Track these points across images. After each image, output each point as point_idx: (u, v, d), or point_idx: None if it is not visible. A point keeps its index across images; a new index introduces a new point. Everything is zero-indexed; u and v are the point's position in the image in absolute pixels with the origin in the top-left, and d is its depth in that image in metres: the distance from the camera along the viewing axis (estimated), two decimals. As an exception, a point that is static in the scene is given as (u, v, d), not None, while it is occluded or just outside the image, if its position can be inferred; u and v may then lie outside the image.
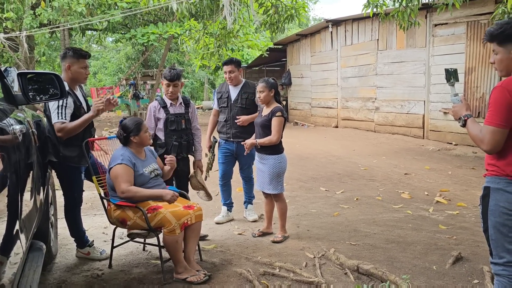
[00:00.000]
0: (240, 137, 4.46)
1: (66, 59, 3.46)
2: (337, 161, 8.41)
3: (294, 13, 8.29)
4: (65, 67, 3.46)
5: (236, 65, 4.51)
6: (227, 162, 4.66)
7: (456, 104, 2.37)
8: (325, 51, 14.30)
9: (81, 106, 3.49)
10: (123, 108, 22.23)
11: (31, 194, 2.45)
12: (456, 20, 9.53)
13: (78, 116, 3.41)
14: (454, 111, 2.36)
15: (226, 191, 4.76)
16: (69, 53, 3.46)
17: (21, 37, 12.31)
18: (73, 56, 3.45)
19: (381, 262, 3.46)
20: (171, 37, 15.55)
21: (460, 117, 2.30)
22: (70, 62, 3.44)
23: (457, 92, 2.44)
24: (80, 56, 3.48)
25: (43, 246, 2.63)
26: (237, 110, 4.51)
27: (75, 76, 3.48)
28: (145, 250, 3.88)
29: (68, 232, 3.75)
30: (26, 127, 2.54)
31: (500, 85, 2.12)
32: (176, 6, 6.95)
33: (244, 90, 4.55)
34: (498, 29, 2.17)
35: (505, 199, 2.15)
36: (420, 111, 10.81)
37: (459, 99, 2.38)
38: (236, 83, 4.55)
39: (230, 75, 4.50)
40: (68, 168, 3.47)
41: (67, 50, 3.51)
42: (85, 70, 3.53)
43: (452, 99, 2.42)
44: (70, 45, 16.05)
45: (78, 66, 3.46)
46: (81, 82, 3.57)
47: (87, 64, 3.55)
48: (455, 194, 5.71)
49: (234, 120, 4.51)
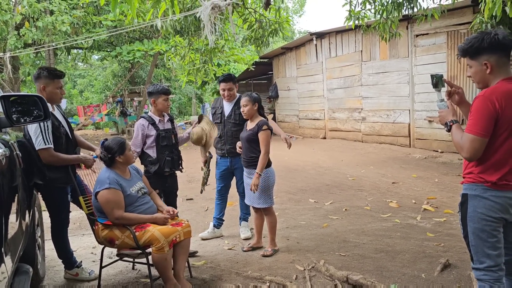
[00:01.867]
0: (235, 153, 4.42)
1: (40, 79, 3.40)
2: (325, 172, 8.45)
3: (278, 28, 8.38)
4: (40, 87, 3.39)
5: (234, 82, 4.49)
6: (223, 178, 4.65)
7: (443, 110, 2.40)
8: (310, 63, 14.46)
9: (60, 125, 3.44)
10: (110, 125, 22.14)
11: (17, 216, 2.43)
12: (436, 30, 9.74)
13: (58, 137, 3.36)
14: (441, 116, 2.39)
15: (220, 205, 4.72)
16: (43, 74, 3.39)
17: (5, 58, 12.26)
18: (48, 77, 3.39)
19: (370, 272, 3.48)
20: (157, 54, 15.62)
21: (446, 123, 2.34)
22: (45, 83, 3.39)
23: (443, 98, 2.47)
24: (55, 76, 3.42)
25: (29, 269, 2.60)
26: (231, 126, 4.47)
27: (50, 96, 3.39)
28: (135, 269, 3.85)
29: (55, 253, 3.70)
30: (10, 150, 2.53)
31: (483, 95, 2.18)
32: (160, 24, 6.99)
33: (238, 105, 4.46)
34: (467, 44, 2.25)
35: (483, 205, 2.20)
36: (406, 120, 10.95)
37: (445, 105, 2.41)
38: (232, 99, 4.54)
39: (229, 93, 4.45)
40: (54, 189, 3.44)
41: (41, 71, 3.43)
42: (61, 90, 3.48)
43: (438, 105, 2.44)
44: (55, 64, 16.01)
45: (53, 87, 3.41)
46: (57, 102, 3.50)
47: (62, 84, 3.50)
48: (442, 201, 5.77)
49: (228, 136, 4.49)
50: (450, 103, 2.42)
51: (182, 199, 6.24)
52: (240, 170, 4.48)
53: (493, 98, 2.14)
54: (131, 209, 3.25)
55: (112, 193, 3.17)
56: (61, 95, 3.50)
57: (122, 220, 3.19)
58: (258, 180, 3.92)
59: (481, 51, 2.20)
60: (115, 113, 20.09)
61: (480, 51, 2.20)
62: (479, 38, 2.20)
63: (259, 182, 3.92)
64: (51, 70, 3.48)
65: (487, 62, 2.20)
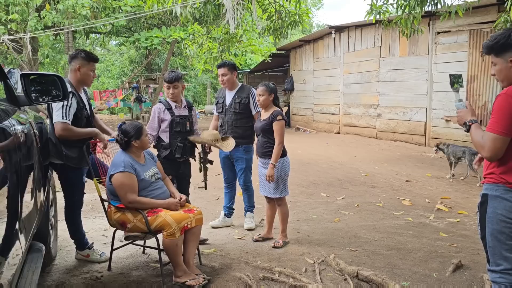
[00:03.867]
0: (236, 143, 4.45)
1: (76, 60, 3.48)
2: (338, 167, 8.39)
3: (298, 19, 8.30)
4: (75, 67, 3.48)
5: (229, 68, 4.43)
6: (227, 166, 4.65)
7: (461, 110, 2.36)
8: (328, 57, 14.33)
9: (84, 107, 3.50)
10: (125, 111, 22.28)
11: (32, 195, 2.45)
12: (458, 28, 9.55)
13: (79, 118, 3.43)
14: (459, 116, 2.36)
15: (229, 193, 4.73)
16: (81, 55, 3.49)
17: (25, 39, 12.38)
18: (85, 58, 3.49)
19: (381, 268, 3.45)
20: (174, 41, 15.61)
21: (465, 122, 2.30)
22: (81, 63, 3.48)
23: (461, 98, 2.43)
24: (91, 59, 3.52)
25: (42, 247, 2.63)
26: (231, 115, 4.44)
27: (83, 78, 3.50)
28: (145, 253, 3.87)
29: (68, 234, 3.75)
30: (28, 128, 2.55)
31: (505, 93, 2.12)
32: (180, 11, 6.97)
33: (238, 94, 4.47)
34: (493, 41, 2.19)
35: (503, 207, 2.15)
36: (422, 119, 10.80)
37: (464, 105, 2.37)
38: (231, 86, 4.50)
39: (223, 78, 4.43)
40: (70, 170, 3.47)
41: (79, 52, 3.53)
42: (93, 74, 3.58)
43: (457, 105, 2.41)
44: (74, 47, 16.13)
45: (87, 69, 3.51)
46: (87, 84, 3.60)
47: (95, 68, 3.60)
48: (456, 202, 5.69)
49: (228, 125, 4.47)
50: (469, 103, 2.37)
51: (194, 187, 6.25)
52: (240, 161, 4.49)
53: None
54: (144, 193, 3.26)
55: (127, 177, 3.18)
56: (93, 78, 3.59)
57: (135, 204, 3.20)
58: (273, 170, 3.90)
59: (507, 47, 2.15)
60: (130, 99, 20.19)
61: (506, 47, 2.15)
62: (505, 35, 2.14)
63: (273, 173, 3.90)
64: (88, 52, 3.58)
65: None
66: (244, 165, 4.51)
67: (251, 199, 4.68)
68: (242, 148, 4.45)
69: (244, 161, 4.50)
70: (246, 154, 4.50)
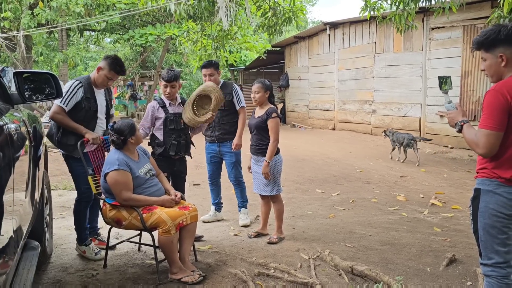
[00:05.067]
0: (224, 139, 4.53)
1: (104, 61, 3.66)
2: (333, 163, 8.42)
3: (292, 16, 8.29)
4: (99, 66, 3.65)
5: (215, 68, 4.49)
6: (213, 163, 4.70)
7: (452, 111, 2.39)
8: (322, 53, 14.34)
9: (91, 100, 3.61)
10: (120, 109, 22.22)
11: (26, 193, 2.45)
12: (452, 24, 9.58)
13: (81, 109, 3.56)
14: (450, 117, 2.38)
15: (214, 190, 4.79)
16: (109, 60, 3.64)
17: (18, 37, 12.31)
18: (109, 64, 3.62)
19: (375, 263, 3.47)
20: (169, 38, 15.57)
21: (456, 123, 2.32)
22: (103, 66, 3.63)
23: (451, 99, 2.46)
24: (114, 68, 3.64)
25: (38, 245, 2.63)
26: (218, 112, 4.42)
27: (98, 79, 3.66)
28: (140, 251, 3.88)
29: (63, 232, 3.75)
30: (21, 126, 2.55)
31: (493, 89, 2.14)
32: (174, 8, 6.96)
33: (223, 91, 4.44)
34: (483, 36, 2.21)
35: (495, 201, 2.17)
36: (417, 114, 10.85)
37: (454, 106, 2.39)
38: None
39: (209, 78, 4.45)
40: (70, 159, 3.60)
41: (113, 57, 3.70)
42: (108, 81, 3.69)
43: (447, 106, 2.43)
44: (68, 45, 16.05)
45: (105, 74, 3.64)
46: (99, 87, 3.72)
47: (114, 78, 3.70)
48: (450, 197, 5.73)
49: (215, 123, 4.49)
50: (459, 104, 2.40)
51: (190, 184, 6.26)
52: (229, 155, 4.55)
53: (504, 91, 2.10)
54: (139, 191, 3.27)
55: (121, 175, 3.19)
56: (106, 84, 3.73)
57: (130, 202, 3.20)
58: (267, 168, 3.92)
59: (497, 43, 2.16)
60: (125, 96, 20.14)
61: (496, 43, 2.16)
62: (495, 30, 2.16)
63: (269, 170, 3.92)
64: (117, 62, 3.68)
65: (503, 54, 2.16)
66: (234, 159, 4.56)
67: (243, 194, 4.71)
68: (230, 143, 4.52)
69: (234, 155, 4.55)
70: None
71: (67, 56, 13.35)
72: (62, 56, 13.36)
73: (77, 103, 3.54)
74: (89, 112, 3.62)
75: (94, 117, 3.67)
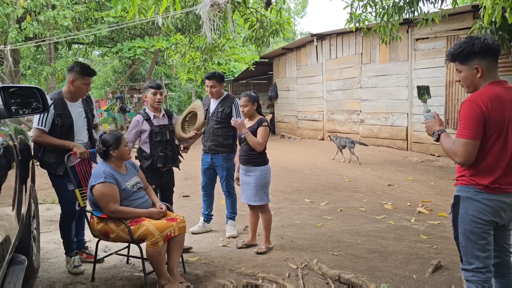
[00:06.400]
0: (215, 151, 4.55)
1: (72, 73, 3.59)
2: (322, 173, 8.48)
3: (279, 28, 8.41)
4: (69, 80, 3.59)
5: (218, 80, 4.55)
6: (207, 174, 4.72)
7: (429, 120, 2.45)
8: (310, 64, 14.49)
9: (62, 116, 3.54)
10: (109, 121, 22.12)
11: (12, 207, 2.46)
12: (436, 34, 9.77)
13: (56, 125, 3.50)
14: (428, 126, 2.44)
15: (206, 201, 4.80)
16: (76, 68, 3.58)
17: (6, 51, 12.25)
18: (79, 72, 3.58)
19: (362, 271, 3.51)
20: (157, 51, 15.62)
21: (434, 132, 2.38)
22: (75, 77, 3.57)
23: (429, 109, 2.52)
24: (86, 73, 3.61)
25: (24, 259, 2.63)
26: (213, 123, 4.53)
27: (76, 91, 3.62)
28: (129, 263, 3.87)
29: (50, 246, 3.74)
30: (7, 141, 2.56)
31: (469, 99, 2.21)
32: (161, 21, 7.02)
33: (222, 103, 4.57)
34: (458, 49, 2.27)
35: (474, 208, 2.23)
36: (404, 123, 10.99)
37: (431, 115, 2.46)
38: (217, 96, 4.61)
39: (211, 90, 4.54)
40: (52, 176, 3.59)
41: (75, 65, 3.63)
42: (87, 87, 3.67)
43: (425, 115, 2.50)
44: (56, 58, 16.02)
45: (81, 82, 3.60)
46: (80, 97, 3.70)
47: (90, 81, 3.68)
48: (437, 205, 5.81)
49: (210, 133, 4.55)
50: (436, 113, 2.46)
51: (179, 196, 6.26)
52: (220, 168, 4.58)
53: (479, 101, 2.17)
54: (126, 203, 3.28)
55: (108, 187, 3.20)
56: (86, 91, 3.70)
57: (117, 214, 3.21)
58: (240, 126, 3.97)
59: (472, 55, 2.23)
60: (114, 109, 20.06)
61: (471, 55, 2.23)
62: (469, 43, 2.23)
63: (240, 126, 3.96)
64: (84, 66, 3.66)
65: (478, 66, 2.23)
66: (225, 173, 4.57)
67: (234, 206, 4.73)
68: (222, 156, 4.55)
69: (225, 169, 4.56)
70: (226, 162, 4.56)
71: (56, 69, 13.30)
72: (50, 69, 13.32)
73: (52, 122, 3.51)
74: (63, 128, 3.56)
75: (70, 132, 3.62)
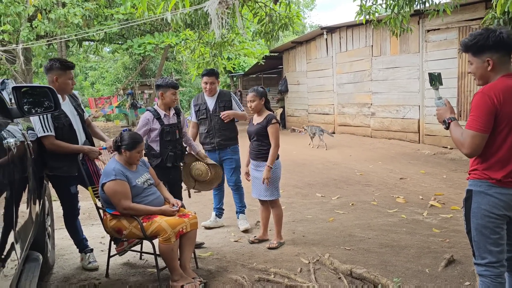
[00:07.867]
0: (224, 145, 4.60)
1: (52, 71, 3.47)
2: (333, 167, 8.46)
3: (288, 22, 8.37)
4: (53, 79, 3.46)
5: (217, 77, 4.62)
6: None
7: (441, 107, 2.42)
8: (320, 57, 14.40)
9: (60, 115, 3.44)
10: (121, 117, 22.29)
11: (27, 205, 2.50)
12: (448, 25, 9.64)
13: (56, 126, 3.41)
14: (439, 114, 2.41)
15: (217, 195, 4.84)
16: (55, 65, 3.47)
17: (18, 50, 12.39)
18: (60, 68, 3.47)
19: (374, 266, 3.50)
20: (167, 47, 15.65)
21: (444, 120, 2.36)
22: (58, 74, 3.47)
23: (440, 96, 2.49)
24: (67, 67, 3.51)
25: (39, 256, 2.67)
26: (217, 119, 4.57)
27: (62, 87, 3.49)
28: (142, 259, 3.91)
29: (65, 242, 3.80)
30: (20, 140, 2.60)
31: (481, 91, 2.19)
32: (170, 17, 7.03)
33: (220, 99, 4.62)
34: (472, 40, 2.23)
35: (487, 202, 2.21)
36: (415, 116, 10.88)
37: (443, 102, 2.43)
38: (214, 93, 4.64)
39: (211, 86, 4.57)
40: (58, 179, 3.55)
41: (53, 62, 3.50)
42: (72, 81, 3.57)
43: (436, 103, 2.47)
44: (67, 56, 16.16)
45: (65, 78, 3.50)
46: (68, 92, 3.59)
47: (73, 75, 3.60)
48: (449, 198, 5.76)
49: (216, 130, 4.58)
50: (448, 101, 2.42)
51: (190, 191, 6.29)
52: (229, 161, 4.63)
53: (491, 93, 2.14)
54: (137, 200, 3.31)
55: (119, 184, 3.23)
56: (72, 85, 3.59)
57: (130, 211, 3.24)
58: (269, 173, 3.95)
59: (485, 48, 2.20)
60: (125, 105, 20.21)
61: (484, 48, 2.20)
62: (484, 36, 2.19)
63: (270, 175, 3.96)
64: (63, 61, 3.56)
65: (490, 59, 2.19)
66: (234, 164, 4.64)
67: (242, 199, 4.77)
68: (230, 149, 4.63)
69: (234, 161, 4.64)
70: (234, 154, 4.66)
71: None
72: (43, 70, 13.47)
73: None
74: (65, 129, 3.47)
75: (72, 131, 3.54)
